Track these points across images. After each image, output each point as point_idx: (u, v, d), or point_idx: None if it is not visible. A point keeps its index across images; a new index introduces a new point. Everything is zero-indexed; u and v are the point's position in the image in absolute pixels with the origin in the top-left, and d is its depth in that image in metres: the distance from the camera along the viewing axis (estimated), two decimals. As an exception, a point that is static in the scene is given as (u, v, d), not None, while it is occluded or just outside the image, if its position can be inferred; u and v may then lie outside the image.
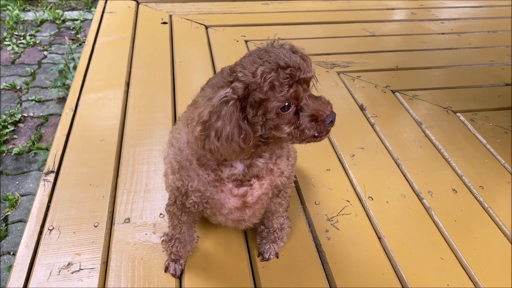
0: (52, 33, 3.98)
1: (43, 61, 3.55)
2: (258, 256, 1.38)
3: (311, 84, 0.96)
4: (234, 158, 0.98)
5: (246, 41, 2.68)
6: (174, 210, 1.20)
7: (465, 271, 1.38)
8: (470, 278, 1.36)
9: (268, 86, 0.87)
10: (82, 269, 1.29)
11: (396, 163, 1.80)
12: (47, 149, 1.73)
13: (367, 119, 2.06)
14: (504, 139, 1.97)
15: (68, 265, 1.30)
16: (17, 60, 3.53)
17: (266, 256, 1.36)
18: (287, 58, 0.89)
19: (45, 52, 3.66)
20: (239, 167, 1.05)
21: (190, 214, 1.21)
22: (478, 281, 1.35)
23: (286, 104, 0.89)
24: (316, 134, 0.94)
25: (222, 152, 0.91)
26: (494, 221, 1.56)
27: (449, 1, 3.54)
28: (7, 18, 4.04)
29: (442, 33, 3.00)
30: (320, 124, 0.92)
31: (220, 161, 1.03)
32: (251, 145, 0.93)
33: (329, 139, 1.90)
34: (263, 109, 0.89)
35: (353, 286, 1.31)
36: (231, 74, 0.92)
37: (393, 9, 3.36)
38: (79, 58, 2.50)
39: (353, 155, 1.81)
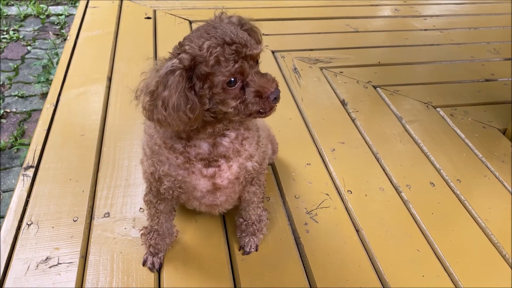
0: (36, 28, 3.94)
1: (27, 56, 3.52)
2: (239, 250, 1.39)
3: (259, 60, 0.99)
4: (182, 129, 0.99)
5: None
6: (151, 198, 1.22)
7: (440, 262, 1.41)
8: (445, 269, 1.39)
9: (214, 61, 0.89)
10: (61, 263, 1.29)
11: (375, 157, 1.82)
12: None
13: (348, 114, 2.08)
14: (482, 134, 2.01)
15: (46, 259, 1.30)
16: (0, 55, 3.49)
17: (247, 249, 1.38)
18: (234, 34, 0.91)
19: (29, 47, 3.62)
20: (203, 146, 1.07)
21: (166, 202, 1.23)
22: (452, 272, 1.38)
23: (232, 79, 0.92)
24: (261, 110, 0.97)
25: (170, 122, 0.93)
26: (470, 214, 1.60)
27: (432, -2, 3.58)
28: (-10, 12, 3.99)
29: (425, 30, 3.03)
30: (265, 100, 0.96)
31: (173, 132, 1.05)
32: (198, 115, 0.94)
33: (310, 134, 1.92)
34: (209, 83, 0.92)
35: (330, 278, 1.33)
36: (179, 47, 0.95)
37: (376, 5, 3.39)
38: (62, 53, 2.48)
39: (334, 150, 1.83)
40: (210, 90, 0.93)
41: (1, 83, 3.14)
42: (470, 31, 3.07)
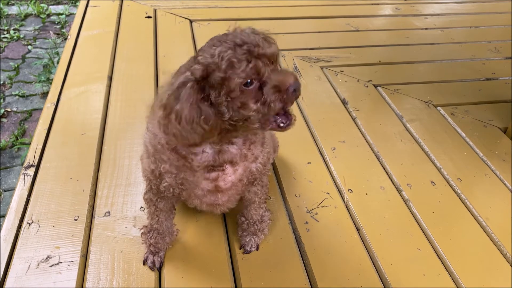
0: (37, 27, 3.94)
1: (27, 55, 3.52)
2: (240, 249, 1.39)
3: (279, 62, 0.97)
4: (200, 142, 0.97)
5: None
6: (150, 196, 1.21)
7: (440, 261, 1.41)
8: (446, 267, 1.39)
9: (227, 64, 0.88)
10: (61, 262, 1.30)
11: (376, 156, 1.82)
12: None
13: (349, 113, 2.08)
14: (483, 133, 2.01)
15: (47, 258, 1.30)
16: (0, 54, 3.49)
17: (248, 248, 1.38)
18: (245, 36, 0.90)
19: (29, 47, 3.62)
20: (209, 152, 1.06)
21: (166, 200, 1.22)
22: (453, 270, 1.37)
23: (249, 80, 0.90)
24: (283, 122, 0.96)
25: (186, 136, 0.92)
26: (470, 212, 1.59)
27: (433, -3, 3.58)
28: (-10, 12, 3.99)
29: (426, 28, 3.03)
30: (284, 93, 0.91)
31: (187, 146, 1.03)
32: (215, 126, 0.93)
33: (311, 133, 1.92)
34: (226, 88, 0.90)
35: (331, 277, 1.33)
36: (193, 60, 0.94)
37: (377, 4, 3.38)
38: (62, 52, 2.49)
39: (334, 149, 1.83)
40: (227, 96, 0.91)
41: (1, 82, 3.14)
42: (471, 30, 3.07)
